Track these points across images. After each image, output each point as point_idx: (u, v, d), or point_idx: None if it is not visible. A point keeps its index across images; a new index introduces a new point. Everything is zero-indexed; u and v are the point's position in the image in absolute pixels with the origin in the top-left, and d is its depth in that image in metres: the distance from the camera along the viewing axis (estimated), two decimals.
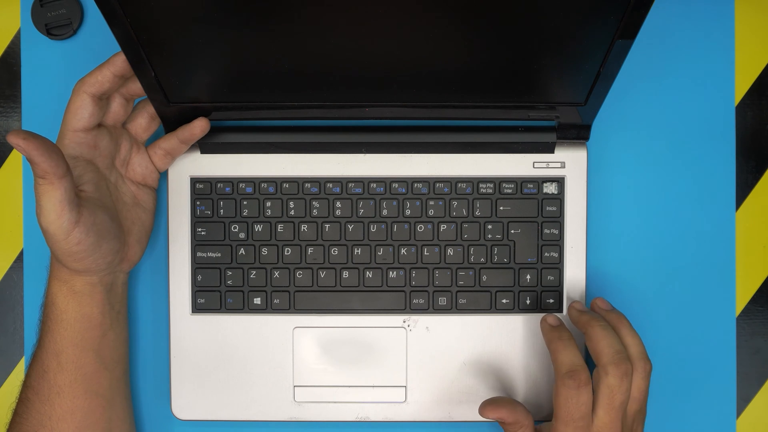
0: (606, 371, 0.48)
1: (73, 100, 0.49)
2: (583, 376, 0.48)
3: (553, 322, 0.52)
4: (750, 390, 0.58)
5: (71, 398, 0.50)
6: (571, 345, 0.50)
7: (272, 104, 0.53)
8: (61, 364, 0.50)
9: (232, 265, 0.56)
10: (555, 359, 0.49)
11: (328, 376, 0.56)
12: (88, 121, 0.49)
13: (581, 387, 0.47)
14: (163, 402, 0.57)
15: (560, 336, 0.50)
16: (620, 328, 0.50)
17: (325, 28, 0.46)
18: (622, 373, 0.47)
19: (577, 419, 0.47)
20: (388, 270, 0.56)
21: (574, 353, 0.49)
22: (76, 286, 0.50)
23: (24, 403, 0.51)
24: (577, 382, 0.47)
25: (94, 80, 0.49)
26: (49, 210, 0.45)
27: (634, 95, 0.58)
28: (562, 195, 0.56)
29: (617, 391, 0.47)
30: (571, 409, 0.47)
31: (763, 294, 0.58)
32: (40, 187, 0.45)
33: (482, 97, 0.52)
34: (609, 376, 0.48)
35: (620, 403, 0.47)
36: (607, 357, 0.48)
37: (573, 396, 0.47)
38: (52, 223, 0.46)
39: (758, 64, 0.58)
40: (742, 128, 0.58)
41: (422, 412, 0.56)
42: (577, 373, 0.48)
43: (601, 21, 0.45)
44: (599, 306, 0.53)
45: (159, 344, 0.58)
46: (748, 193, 0.58)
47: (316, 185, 0.56)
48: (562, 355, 0.49)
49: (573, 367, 0.48)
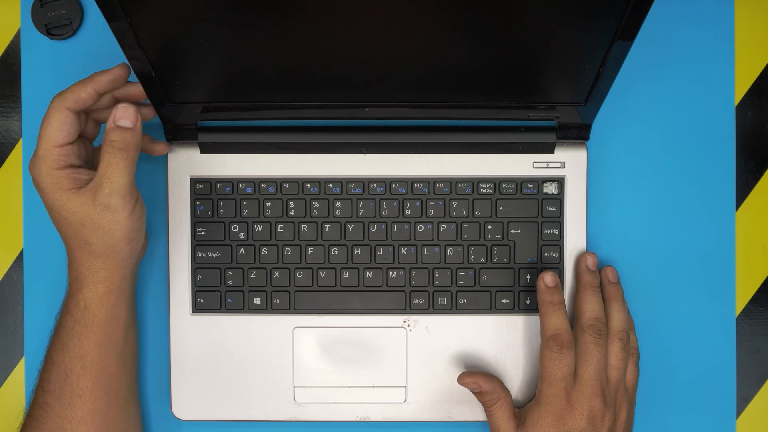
0: (582, 330, 0.52)
1: (55, 117, 0.49)
2: (565, 338, 0.51)
3: (550, 283, 0.53)
4: (750, 390, 0.58)
5: (92, 401, 0.51)
6: (560, 310, 0.52)
7: (272, 104, 0.53)
8: (86, 366, 0.50)
9: (232, 265, 0.56)
10: (542, 321, 0.53)
11: (328, 376, 0.56)
12: (73, 136, 0.50)
13: (563, 349, 0.51)
14: (163, 402, 0.57)
15: (552, 300, 0.53)
16: (612, 302, 0.54)
17: (326, 29, 0.46)
18: (595, 332, 0.51)
19: (559, 379, 0.50)
20: (388, 270, 0.56)
21: (561, 318, 0.52)
22: (114, 282, 0.51)
23: (42, 408, 0.50)
24: (560, 345, 0.51)
25: (77, 97, 0.49)
26: (123, 185, 0.48)
27: (634, 95, 0.58)
28: (562, 195, 0.56)
29: (593, 348, 0.51)
30: (554, 369, 0.51)
31: (763, 294, 0.58)
32: (117, 161, 0.48)
33: (482, 97, 0.52)
34: (585, 334, 0.52)
35: (597, 360, 0.51)
36: (586, 318, 0.52)
37: (556, 358, 0.51)
38: (124, 197, 0.48)
39: (758, 64, 0.58)
40: (742, 128, 0.58)
41: (422, 412, 0.56)
42: (561, 336, 0.51)
43: (601, 21, 0.45)
44: (607, 275, 0.56)
45: (159, 344, 0.58)
46: (748, 193, 0.58)
47: (316, 185, 0.56)
48: (551, 318, 0.52)
49: (557, 331, 0.51)
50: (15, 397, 0.58)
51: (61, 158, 0.49)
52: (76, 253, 0.50)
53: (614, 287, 0.55)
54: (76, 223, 0.49)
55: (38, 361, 0.57)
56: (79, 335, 0.50)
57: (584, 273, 0.55)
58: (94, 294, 0.50)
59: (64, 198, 0.49)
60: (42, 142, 0.49)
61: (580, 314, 0.53)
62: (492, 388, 0.53)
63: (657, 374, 0.57)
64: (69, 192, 0.49)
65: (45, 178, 0.49)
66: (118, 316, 0.52)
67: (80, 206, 0.49)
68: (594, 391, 0.50)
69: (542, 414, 0.50)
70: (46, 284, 0.58)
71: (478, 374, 0.53)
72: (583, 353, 0.51)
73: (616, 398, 0.52)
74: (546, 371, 0.51)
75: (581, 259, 0.55)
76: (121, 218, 0.49)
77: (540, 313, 0.53)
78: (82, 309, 0.50)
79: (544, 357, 0.51)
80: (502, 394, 0.53)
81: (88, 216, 0.49)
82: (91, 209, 0.48)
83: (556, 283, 0.53)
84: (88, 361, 0.50)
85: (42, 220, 0.58)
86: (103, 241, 0.49)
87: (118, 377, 0.52)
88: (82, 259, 0.50)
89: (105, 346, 0.51)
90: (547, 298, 0.53)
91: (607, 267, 0.56)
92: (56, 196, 0.49)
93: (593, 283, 0.54)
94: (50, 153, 0.49)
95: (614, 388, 0.52)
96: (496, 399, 0.52)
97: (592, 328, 0.52)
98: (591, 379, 0.50)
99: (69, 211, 0.49)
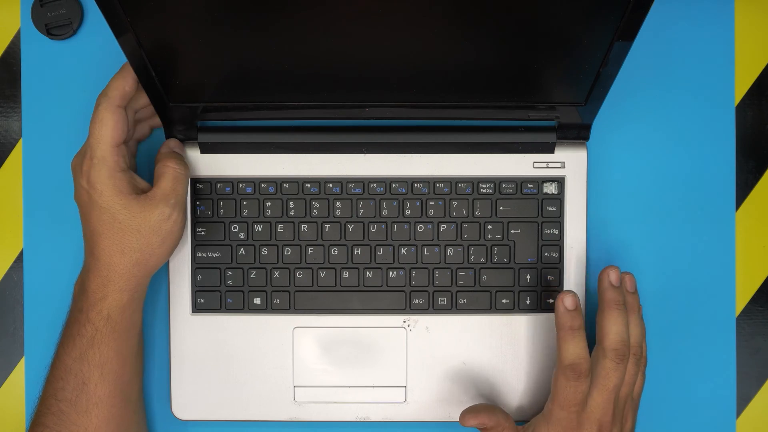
0: (605, 354, 0.50)
1: (109, 117, 0.49)
2: (584, 368, 0.49)
3: (570, 305, 0.50)
4: (750, 390, 0.58)
5: (109, 408, 0.51)
6: (579, 336, 0.49)
7: (272, 104, 0.53)
8: (104, 375, 0.50)
9: (232, 265, 0.56)
10: (560, 347, 0.50)
11: (328, 376, 0.56)
12: (127, 133, 0.51)
13: (581, 378, 0.49)
14: (163, 402, 0.57)
15: (572, 325, 0.50)
16: (630, 314, 0.52)
17: (325, 29, 0.46)
18: (620, 358, 0.49)
19: (572, 405, 0.49)
20: (388, 270, 0.56)
21: (581, 346, 0.49)
22: (138, 291, 0.51)
23: (57, 416, 0.50)
24: (577, 374, 0.49)
25: (122, 92, 0.50)
26: (185, 201, 0.53)
27: (634, 95, 0.58)
28: (562, 195, 0.56)
29: (613, 374, 0.49)
30: (569, 395, 0.49)
31: (763, 294, 0.58)
32: (182, 177, 0.52)
33: (482, 97, 0.52)
34: (607, 359, 0.49)
35: (614, 386, 0.49)
36: (611, 341, 0.50)
37: (572, 386, 0.49)
38: (185, 212, 0.53)
39: (758, 64, 0.58)
40: (742, 128, 0.58)
41: (422, 412, 0.56)
42: (579, 366, 0.49)
43: (601, 21, 0.45)
44: (625, 284, 0.53)
45: (159, 344, 0.58)
46: (748, 193, 0.58)
47: (316, 185, 0.56)
48: (569, 345, 0.49)
49: (577, 360, 0.49)
50: (15, 397, 0.58)
51: (121, 159, 0.50)
52: (113, 259, 0.50)
53: (632, 297, 0.52)
54: (130, 229, 0.50)
55: (38, 361, 0.57)
56: (100, 344, 0.50)
57: (608, 290, 0.51)
58: (118, 303, 0.50)
59: (125, 202, 0.50)
60: (99, 143, 0.49)
61: (603, 335, 0.50)
62: (496, 421, 0.51)
63: (657, 374, 0.57)
64: (129, 197, 0.50)
65: (106, 180, 0.49)
66: (136, 323, 0.52)
67: (141, 212, 0.50)
68: (605, 412, 0.49)
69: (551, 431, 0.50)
70: (46, 284, 0.58)
71: (480, 411, 0.52)
72: (601, 378, 0.49)
73: (624, 411, 0.51)
74: (560, 396, 0.49)
75: (604, 275, 0.52)
76: (177, 230, 0.52)
77: (558, 338, 0.50)
78: (105, 318, 0.50)
79: (559, 383, 0.50)
80: (505, 423, 0.52)
81: (148, 222, 0.50)
82: (153, 216, 0.50)
83: (576, 305, 0.50)
84: (106, 369, 0.50)
85: (42, 220, 0.58)
86: (151, 249, 0.50)
87: (131, 383, 0.52)
88: (118, 267, 0.50)
89: (123, 354, 0.51)
90: (567, 323, 0.50)
91: (625, 275, 0.53)
92: (116, 200, 0.49)
93: (618, 301, 0.51)
94: (111, 154, 0.50)
95: (623, 403, 0.51)
96: (501, 430, 0.52)
97: (616, 353, 0.49)
98: (605, 403, 0.49)
99: (127, 216, 0.50)
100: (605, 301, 0.51)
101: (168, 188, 0.51)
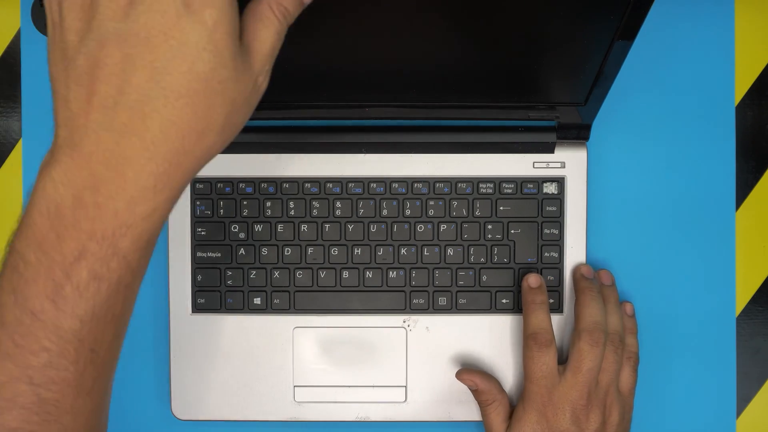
0: (579, 336, 0.51)
1: None
2: (544, 338, 0.51)
3: (533, 283, 0.54)
4: (750, 390, 0.58)
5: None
6: (542, 309, 0.53)
7: (272, 104, 0.53)
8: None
9: (232, 265, 0.56)
10: (524, 320, 0.53)
11: (328, 376, 0.56)
12: None
13: (542, 348, 0.51)
14: (163, 402, 0.57)
15: (534, 299, 0.53)
16: (607, 303, 0.54)
17: (325, 29, 0.46)
18: (593, 340, 0.51)
19: (539, 378, 0.51)
20: (388, 270, 0.56)
21: (542, 317, 0.52)
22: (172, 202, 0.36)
23: None
24: (539, 344, 0.51)
25: None
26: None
27: (634, 95, 0.58)
28: (562, 195, 0.56)
29: (586, 356, 0.51)
30: (535, 368, 0.51)
31: (763, 294, 0.58)
32: (282, 16, 0.36)
33: (482, 97, 0.52)
34: (581, 341, 0.51)
35: (588, 368, 0.50)
36: (584, 323, 0.52)
37: (535, 356, 0.51)
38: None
39: (758, 64, 0.58)
40: (742, 128, 0.58)
41: (422, 412, 0.56)
42: (539, 335, 0.51)
43: (601, 21, 0.45)
44: (602, 279, 0.55)
45: (159, 344, 0.58)
46: (748, 193, 0.58)
47: (316, 185, 0.56)
48: (531, 317, 0.52)
49: (537, 330, 0.52)
50: None
51: None
52: (185, 143, 0.33)
53: (608, 290, 0.55)
54: (226, 96, 0.34)
55: None
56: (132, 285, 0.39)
57: (580, 280, 0.54)
58: (154, 230, 0.36)
59: (234, 50, 0.34)
60: None
61: (577, 319, 0.53)
62: (488, 388, 0.53)
63: (657, 374, 0.57)
64: (237, 44, 0.34)
65: (226, 5, 0.33)
66: (143, 269, 0.39)
67: (243, 72, 0.35)
68: (580, 394, 0.50)
69: (527, 410, 0.51)
70: None
71: (476, 372, 0.54)
72: (574, 359, 0.51)
73: (606, 401, 0.51)
74: (527, 369, 0.52)
75: (575, 269, 0.55)
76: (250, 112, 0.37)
77: (523, 312, 0.53)
78: (125, 266, 0.37)
79: (524, 355, 0.52)
80: (498, 396, 0.53)
81: (244, 90, 0.35)
82: (250, 82, 0.35)
83: (540, 284, 0.54)
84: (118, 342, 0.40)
85: None
86: (227, 137, 0.36)
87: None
88: (188, 157, 0.34)
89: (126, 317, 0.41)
90: (529, 298, 0.53)
91: (601, 270, 0.56)
92: (230, 42, 0.34)
93: (591, 287, 0.54)
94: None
95: (603, 391, 0.51)
96: (492, 400, 0.53)
97: (589, 335, 0.51)
98: (578, 384, 0.50)
99: (228, 75, 0.34)
100: (579, 289, 0.54)
101: (274, 44, 0.36)
